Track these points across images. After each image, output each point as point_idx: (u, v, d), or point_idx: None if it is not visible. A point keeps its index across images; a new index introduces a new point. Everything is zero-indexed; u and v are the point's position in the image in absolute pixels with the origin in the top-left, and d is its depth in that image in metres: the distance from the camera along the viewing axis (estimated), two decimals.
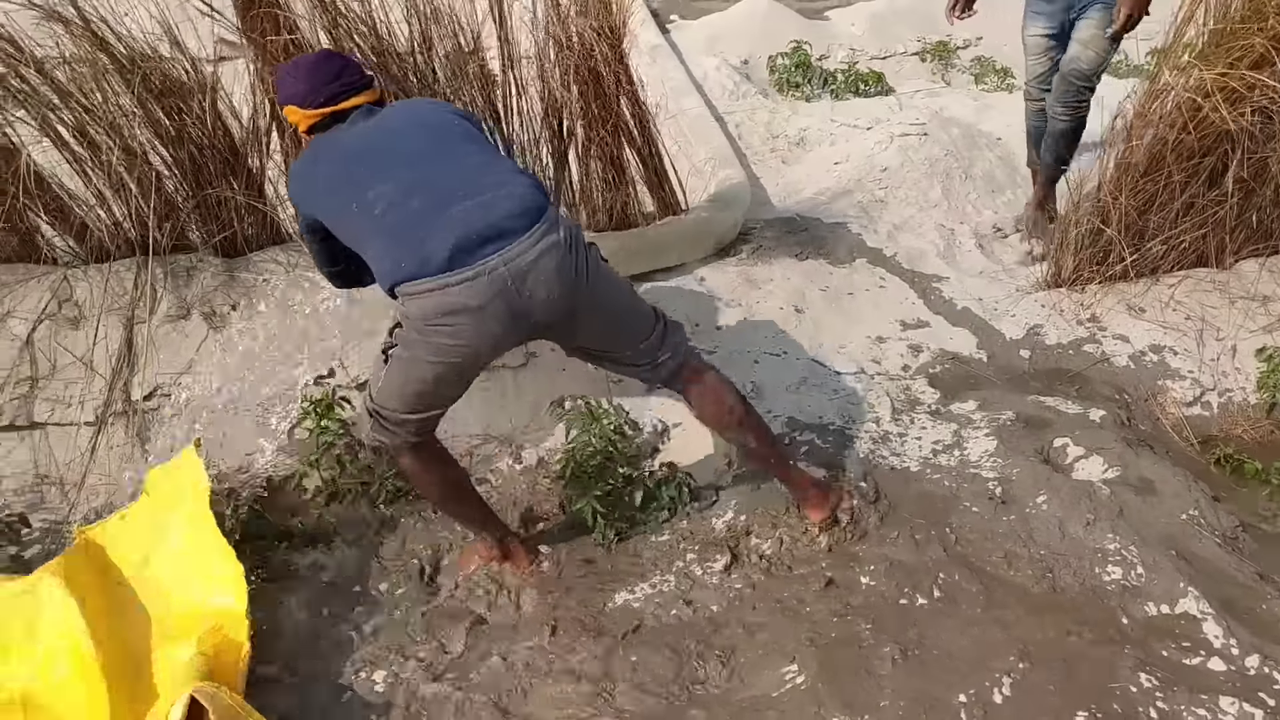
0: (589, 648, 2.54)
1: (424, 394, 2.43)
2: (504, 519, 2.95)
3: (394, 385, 2.43)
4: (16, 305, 3.34)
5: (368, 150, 2.44)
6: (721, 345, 3.57)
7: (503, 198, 2.29)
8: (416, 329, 2.30)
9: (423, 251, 2.22)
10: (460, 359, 2.36)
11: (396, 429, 2.49)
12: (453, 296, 2.23)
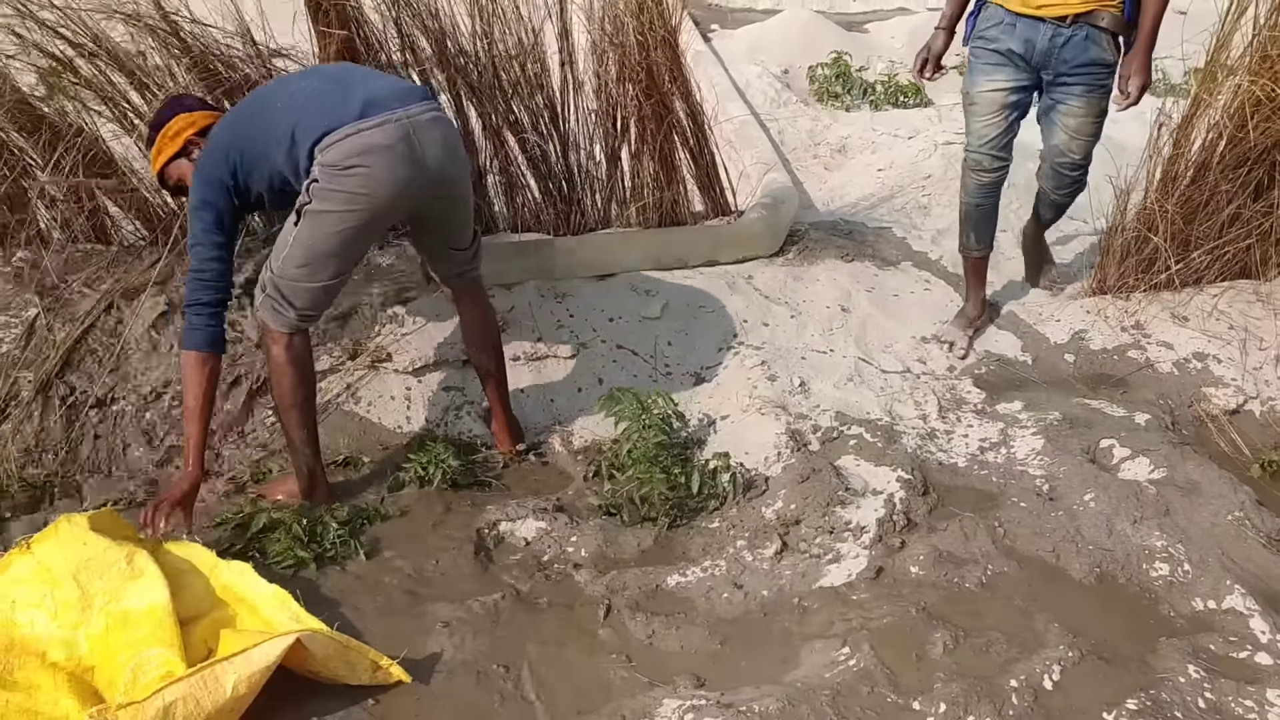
0: (642, 628, 2.59)
1: (329, 255, 2.71)
2: (556, 501, 3.02)
3: (301, 247, 2.69)
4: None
5: (276, 85, 2.91)
6: (769, 341, 3.63)
7: (398, 80, 3.01)
8: (332, 176, 2.62)
9: (338, 111, 2.63)
10: (369, 206, 2.67)
11: (287, 307, 2.75)
12: (365, 137, 2.61)
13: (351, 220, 2.68)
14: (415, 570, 2.81)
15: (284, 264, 2.74)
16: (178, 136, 2.87)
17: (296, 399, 2.87)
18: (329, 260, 2.73)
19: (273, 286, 2.76)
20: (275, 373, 2.86)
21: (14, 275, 3.50)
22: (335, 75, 2.86)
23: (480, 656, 2.51)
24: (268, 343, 2.83)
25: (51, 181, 3.35)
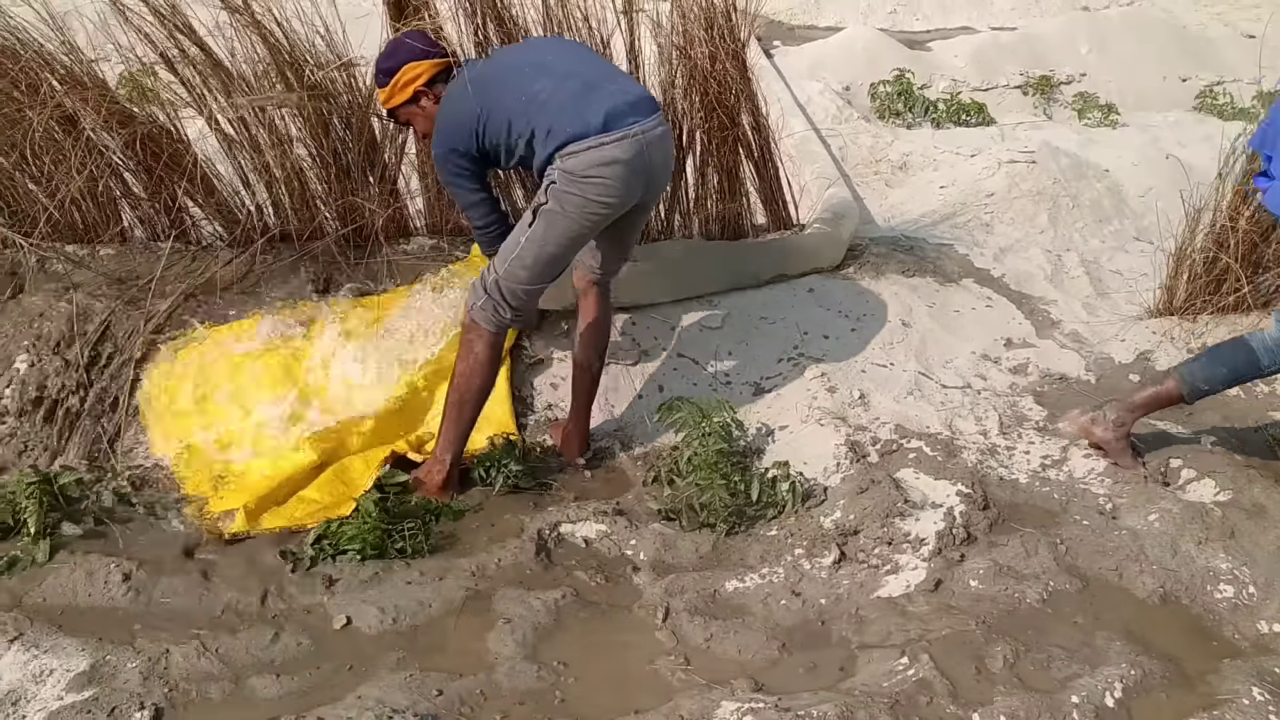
0: (700, 631, 2.61)
1: (554, 258, 2.92)
2: (616, 504, 3.08)
3: (533, 247, 2.89)
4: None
5: (515, 67, 2.94)
6: (829, 353, 3.65)
7: (635, 87, 3.01)
8: (571, 182, 2.81)
9: (583, 119, 2.79)
10: (600, 213, 2.87)
11: (505, 307, 2.97)
12: (607, 151, 2.79)
13: (582, 226, 2.89)
14: (479, 567, 2.86)
15: (512, 265, 2.93)
16: (406, 87, 2.98)
17: (480, 396, 3.10)
18: (553, 262, 2.94)
19: (495, 288, 2.95)
20: (472, 369, 3.03)
21: (100, 271, 3.63)
22: (577, 71, 2.91)
23: (541, 652, 2.55)
24: (471, 340, 3.02)
25: (246, 104, 3.48)
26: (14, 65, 3.36)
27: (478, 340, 3.01)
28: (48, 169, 3.51)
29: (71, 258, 3.65)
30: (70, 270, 3.61)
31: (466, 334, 3.04)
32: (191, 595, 2.69)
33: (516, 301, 2.99)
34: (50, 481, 2.92)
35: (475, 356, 3.02)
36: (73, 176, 3.48)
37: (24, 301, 3.51)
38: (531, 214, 2.89)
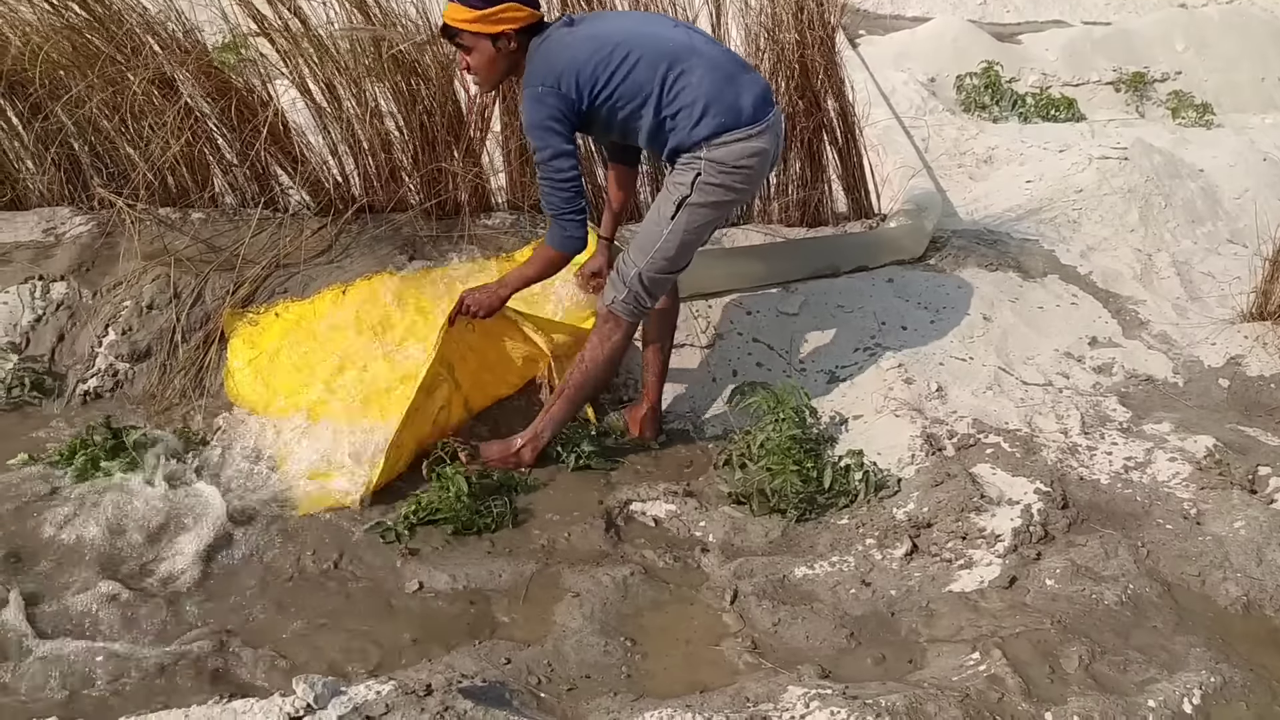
0: (768, 615, 2.60)
1: (692, 245, 3.00)
2: (686, 486, 3.08)
3: (677, 238, 2.93)
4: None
5: (651, 36, 2.90)
6: (907, 344, 3.60)
7: (759, 76, 3.02)
8: (719, 172, 2.86)
9: (735, 108, 2.83)
10: (737, 200, 3.12)
11: (648, 298, 3.03)
12: (755, 143, 2.86)
13: (720, 214, 3.02)
14: (549, 541, 2.90)
15: (655, 257, 2.96)
16: (500, 22, 2.81)
17: (601, 385, 3.24)
18: (689, 250, 3.01)
19: (638, 281, 2.99)
20: (606, 358, 3.10)
21: (191, 235, 3.73)
22: (713, 54, 2.90)
23: (609, 628, 2.57)
24: (609, 330, 3.07)
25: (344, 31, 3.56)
26: (119, 29, 3.45)
27: (616, 331, 3.06)
28: (145, 132, 3.60)
29: (164, 220, 3.75)
30: (162, 233, 3.71)
31: (604, 324, 3.07)
32: (272, 556, 2.76)
33: (658, 291, 3.04)
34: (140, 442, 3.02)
35: (612, 346, 3.07)
36: (170, 140, 3.57)
37: (120, 263, 3.61)
38: (674, 206, 2.91)
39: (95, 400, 3.35)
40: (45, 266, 3.59)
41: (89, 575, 2.62)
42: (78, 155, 3.75)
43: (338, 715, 2.11)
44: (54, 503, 2.84)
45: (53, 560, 2.68)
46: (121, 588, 2.57)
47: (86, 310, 3.51)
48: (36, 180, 3.82)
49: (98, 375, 3.39)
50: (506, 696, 2.30)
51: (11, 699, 2.27)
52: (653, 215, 2.99)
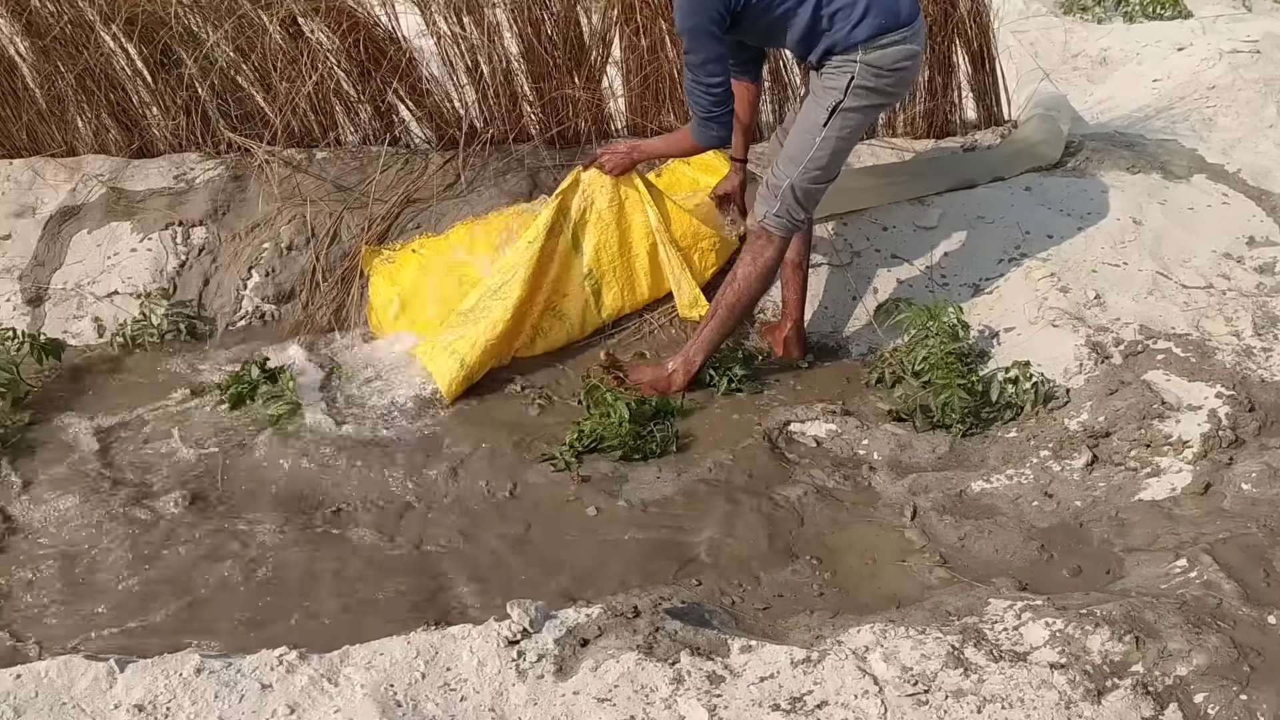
0: (952, 530, 2.57)
1: (842, 153, 2.93)
2: (842, 405, 3.05)
3: (829, 145, 2.85)
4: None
5: None
6: (1055, 253, 3.49)
7: None
8: (875, 76, 2.77)
9: (894, 8, 2.75)
10: (887, 104, 3.15)
11: (799, 210, 2.95)
12: (910, 44, 2.80)
13: (870, 119, 3.02)
14: (716, 464, 2.88)
15: (808, 167, 2.89)
16: None
17: (753, 304, 3.18)
18: (841, 158, 2.95)
19: (791, 193, 2.91)
20: (758, 275, 3.04)
21: (319, 175, 3.71)
22: None
23: (793, 548, 2.56)
24: (762, 246, 3.01)
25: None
26: None
27: (768, 247, 3.00)
28: (276, 74, 3.58)
29: (291, 162, 3.74)
30: (290, 175, 3.70)
31: (755, 241, 3.02)
32: (448, 487, 2.78)
33: (810, 203, 2.97)
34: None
35: (764, 263, 3.01)
36: (301, 81, 3.54)
37: (254, 206, 3.62)
38: (827, 112, 2.82)
39: (244, 341, 3.38)
40: (181, 212, 3.61)
41: (274, 515, 2.67)
42: (204, 100, 3.74)
43: (554, 639, 2.12)
44: (233, 439, 2.89)
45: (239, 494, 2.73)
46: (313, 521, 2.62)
47: (227, 254, 3.53)
48: (163, 127, 3.82)
49: (245, 317, 3.42)
50: (706, 617, 2.30)
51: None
52: (802, 124, 2.90)
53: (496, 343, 3.17)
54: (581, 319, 3.38)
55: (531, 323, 3.29)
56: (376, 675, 2.03)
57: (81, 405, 3.07)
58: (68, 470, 2.79)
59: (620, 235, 3.34)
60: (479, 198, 3.72)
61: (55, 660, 2.01)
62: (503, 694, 2.00)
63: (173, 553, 2.55)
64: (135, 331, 3.28)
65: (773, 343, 3.35)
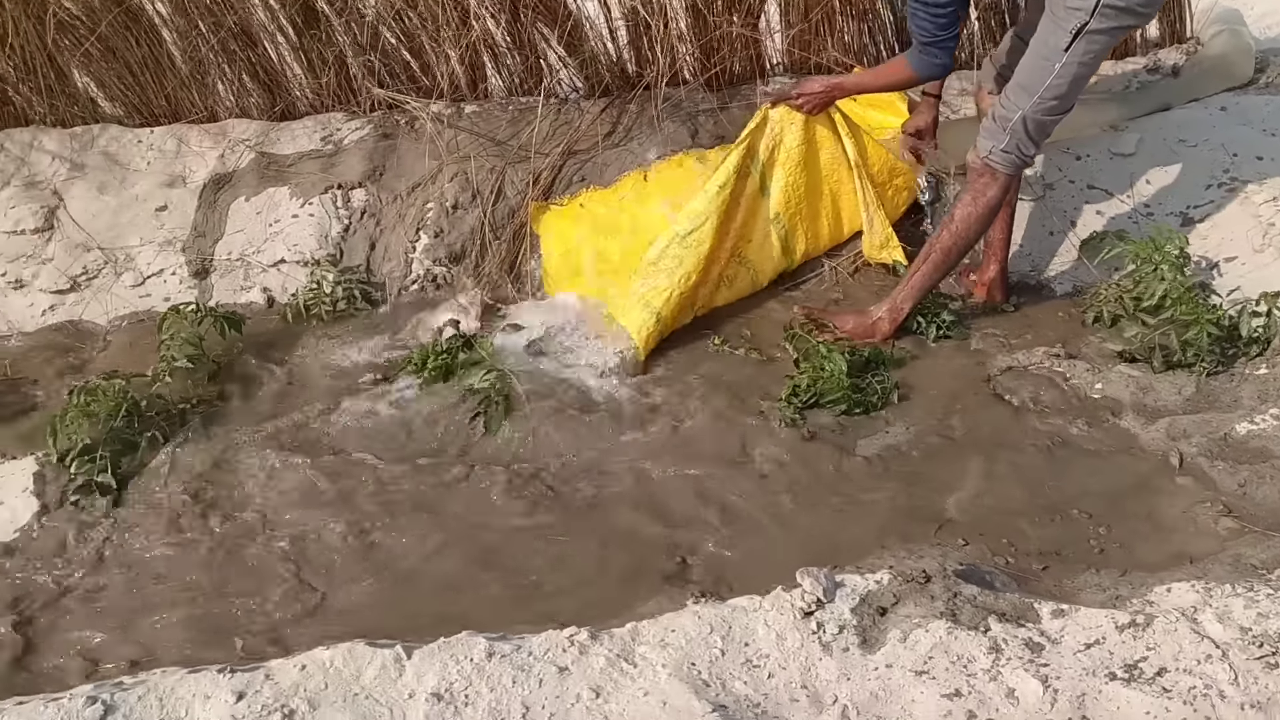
0: (1228, 477, 2.39)
1: (1083, 80, 2.67)
2: (1062, 348, 2.89)
3: (1070, 72, 2.61)
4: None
5: None
6: (1270, 175, 3.25)
7: None
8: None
9: None
10: (1139, 24, 2.86)
11: (1030, 145, 2.72)
12: None
13: (1116, 41, 2.72)
14: (944, 414, 2.72)
15: (1044, 96, 2.66)
16: None
17: (969, 246, 2.91)
18: (1081, 85, 2.69)
19: (1022, 125, 2.70)
20: (978, 216, 2.83)
21: (470, 130, 3.55)
22: None
23: (1055, 502, 2.39)
24: (985, 184, 2.80)
25: None
26: None
27: (992, 184, 2.78)
28: (426, 25, 3.41)
29: (440, 117, 3.58)
30: (441, 130, 3.54)
31: (978, 179, 2.81)
32: (670, 444, 2.65)
33: (1042, 137, 2.74)
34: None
35: (986, 202, 2.81)
36: (455, 31, 3.37)
37: (410, 165, 3.47)
38: (1070, 35, 2.57)
39: (419, 305, 3.25)
40: (336, 175, 3.47)
41: (495, 486, 2.55)
42: (347, 59, 3.58)
43: (849, 608, 1.98)
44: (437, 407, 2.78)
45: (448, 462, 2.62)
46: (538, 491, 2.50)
47: (390, 215, 3.39)
48: (305, 87, 3.67)
49: (417, 280, 3.28)
50: (989, 579, 2.15)
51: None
52: (1038, 49, 2.67)
53: (688, 293, 3.02)
54: (766, 264, 3.21)
55: (719, 271, 3.13)
56: (675, 653, 1.90)
57: (268, 376, 2.96)
58: (273, 443, 2.68)
59: (809, 175, 3.16)
60: (639, 146, 3.54)
61: (338, 648, 1.90)
62: (810, 669, 1.87)
63: (402, 528, 2.44)
64: (309, 301, 3.15)
65: (971, 286, 3.17)
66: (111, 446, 2.58)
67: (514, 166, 3.44)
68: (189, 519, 2.48)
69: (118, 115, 3.71)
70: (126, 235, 3.34)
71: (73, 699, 1.80)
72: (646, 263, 3.06)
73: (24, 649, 2.19)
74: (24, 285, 3.29)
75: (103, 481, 2.52)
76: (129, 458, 2.61)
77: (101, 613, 2.28)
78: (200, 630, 2.21)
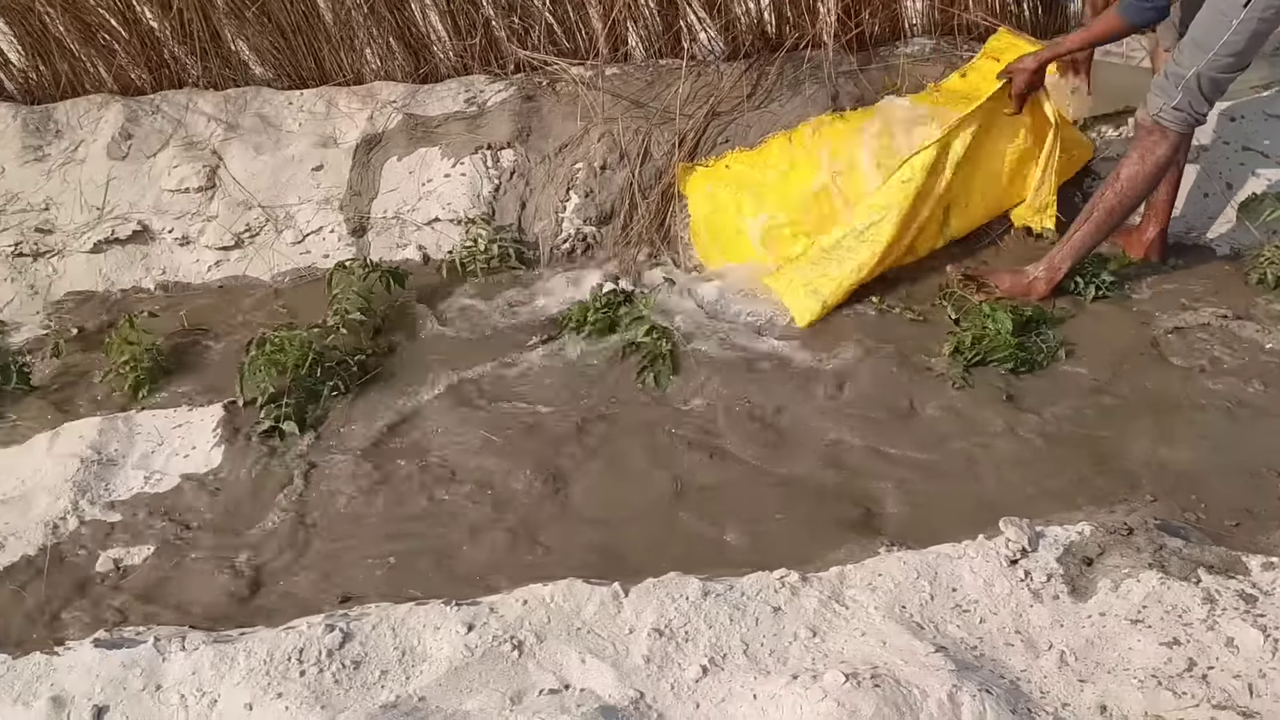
0: None
1: (1261, 38, 2.58)
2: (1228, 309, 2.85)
3: (1247, 28, 2.52)
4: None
5: None
6: None
7: None
8: None
9: None
10: None
11: (1203, 103, 2.68)
12: None
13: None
14: (1113, 374, 2.70)
15: (1219, 53, 2.60)
16: None
17: (1134, 207, 2.88)
18: (1260, 42, 2.61)
19: (1196, 82, 2.65)
20: (1145, 176, 2.80)
21: (612, 92, 3.58)
22: None
23: (1243, 460, 2.37)
24: (1154, 143, 2.76)
25: None
26: None
27: (1161, 143, 2.74)
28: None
29: (581, 79, 3.61)
30: (584, 92, 3.57)
31: (1146, 137, 2.77)
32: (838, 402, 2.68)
33: (1216, 95, 2.69)
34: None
35: (1154, 161, 2.76)
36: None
37: (555, 125, 3.51)
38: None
39: (572, 264, 3.30)
40: (483, 135, 3.52)
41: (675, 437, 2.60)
42: (492, 21, 3.62)
43: (1054, 557, 2.00)
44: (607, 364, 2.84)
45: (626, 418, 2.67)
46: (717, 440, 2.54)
47: (540, 176, 3.44)
48: (448, 49, 3.73)
49: (568, 239, 3.33)
50: (1183, 533, 2.15)
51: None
52: (1216, 4, 2.60)
53: (858, 284, 3.01)
54: (926, 245, 3.17)
55: (891, 261, 3.10)
56: (884, 597, 1.93)
57: (432, 330, 3.04)
58: (450, 394, 2.76)
59: (981, 155, 3.11)
60: (780, 109, 3.54)
61: (557, 585, 1.97)
62: (1022, 615, 1.89)
63: (583, 475, 2.50)
64: (465, 258, 3.22)
65: (1129, 246, 3.13)
66: (297, 395, 2.67)
67: (659, 128, 3.47)
68: (375, 464, 2.57)
69: (267, 78, 3.80)
70: (285, 194, 3.43)
71: (311, 627, 1.88)
72: (819, 248, 3.05)
73: (249, 587, 2.28)
74: (190, 242, 3.40)
75: (289, 429, 2.61)
76: (313, 406, 2.70)
77: (302, 553, 2.37)
78: (398, 570, 2.29)
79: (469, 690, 1.78)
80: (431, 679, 1.81)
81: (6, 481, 2.62)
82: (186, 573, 2.35)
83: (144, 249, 3.42)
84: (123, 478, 2.61)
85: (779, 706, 1.68)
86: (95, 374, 2.99)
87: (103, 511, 2.53)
